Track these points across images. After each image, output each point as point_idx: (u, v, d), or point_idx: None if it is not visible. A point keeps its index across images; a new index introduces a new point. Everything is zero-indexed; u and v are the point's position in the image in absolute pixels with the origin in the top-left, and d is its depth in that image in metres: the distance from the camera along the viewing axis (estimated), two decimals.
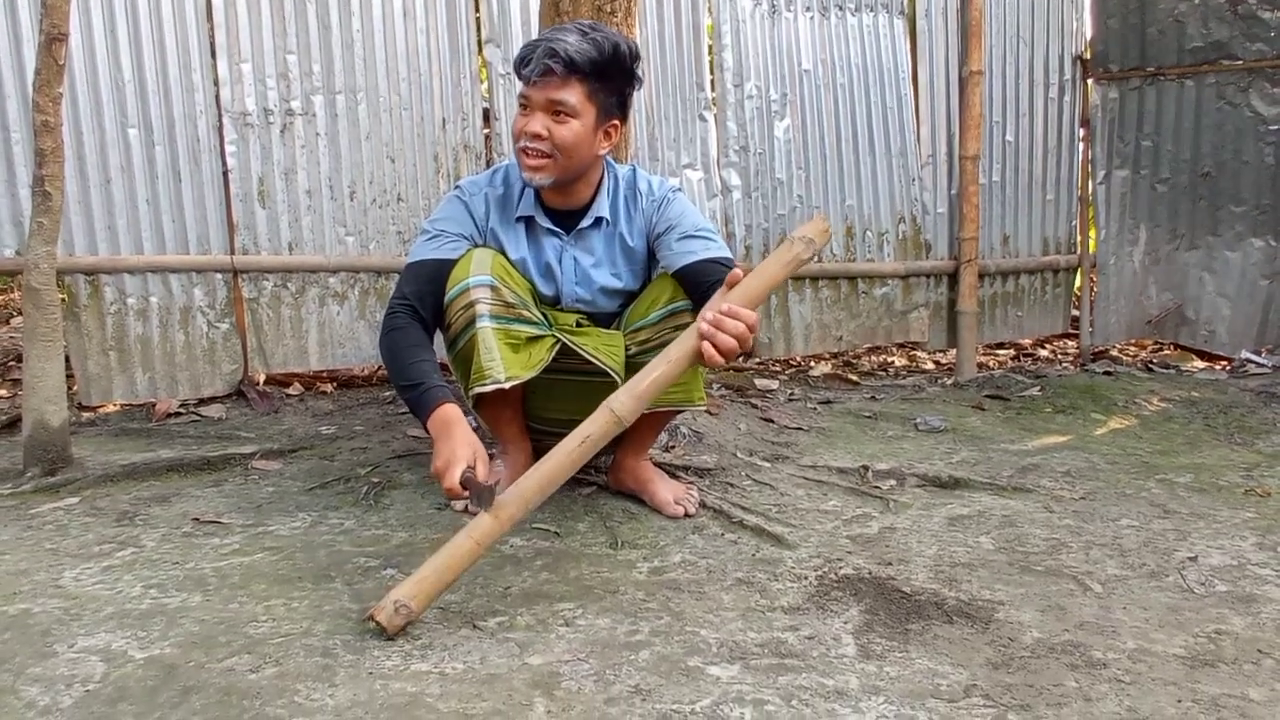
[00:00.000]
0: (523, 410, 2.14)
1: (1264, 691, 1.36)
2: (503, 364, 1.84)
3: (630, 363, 2.00)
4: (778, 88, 3.72)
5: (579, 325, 2.04)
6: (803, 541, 1.94)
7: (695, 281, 1.93)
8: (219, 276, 3.07)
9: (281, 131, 3.09)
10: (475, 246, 1.97)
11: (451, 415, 1.68)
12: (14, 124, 2.77)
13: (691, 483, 2.24)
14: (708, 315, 1.61)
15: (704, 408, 2.34)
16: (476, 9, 3.32)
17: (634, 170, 2.10)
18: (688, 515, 2.07)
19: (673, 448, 2.55)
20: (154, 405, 2.98)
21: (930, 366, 4.26)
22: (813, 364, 4.07)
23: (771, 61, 3.71)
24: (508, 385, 1.83)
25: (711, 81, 3.63)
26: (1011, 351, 4.57)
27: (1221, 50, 4.00)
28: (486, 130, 3.39)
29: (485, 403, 1.96)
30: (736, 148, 3.67)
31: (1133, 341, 4.50)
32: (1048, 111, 4.20)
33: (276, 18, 3.06)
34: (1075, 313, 4.53)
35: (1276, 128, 3.97)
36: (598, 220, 2.02)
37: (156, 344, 3.01)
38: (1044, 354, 4.55)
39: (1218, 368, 4.07)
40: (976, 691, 1.35)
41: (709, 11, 3.61)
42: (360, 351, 3.28)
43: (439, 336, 1.97)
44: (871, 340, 4.05)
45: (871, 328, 4.00)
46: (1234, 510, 2.19)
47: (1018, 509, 2.19)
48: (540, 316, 1.98)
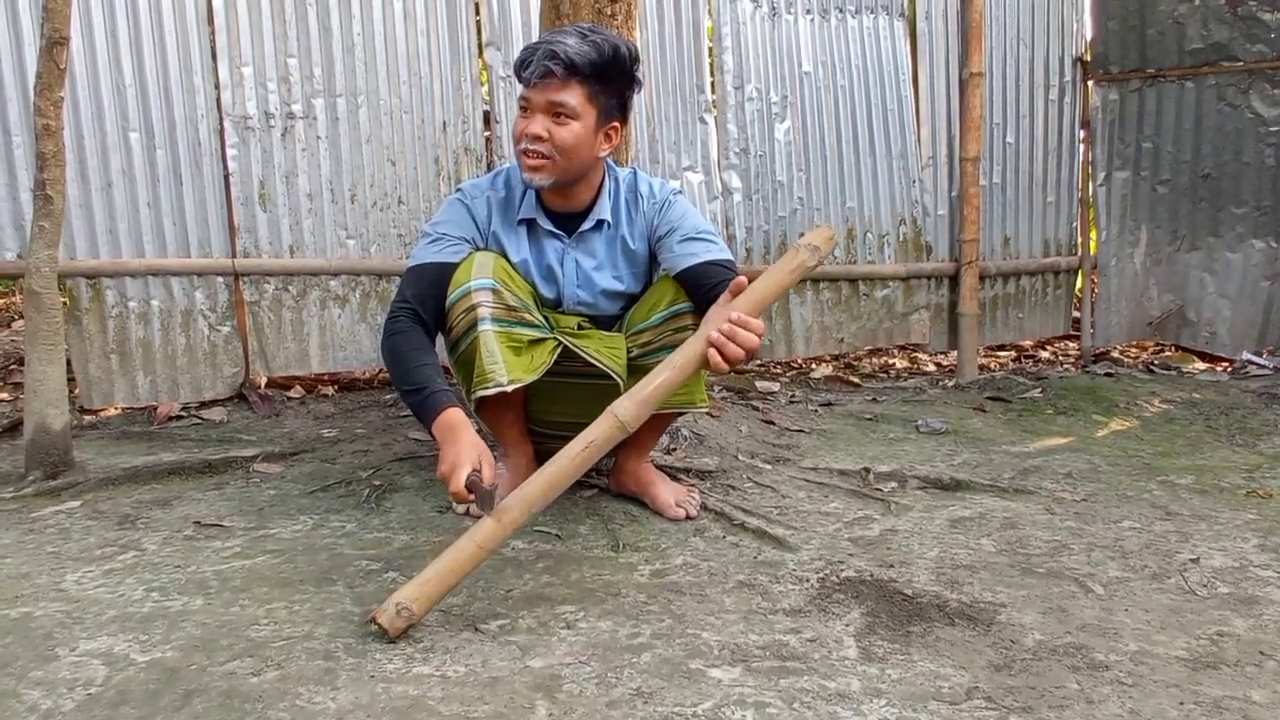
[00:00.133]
0: (524, 413, 2.14)
1: (1266, 693, 1.36)
2: (505, 367, 1.84)
3: (632, 365, 2.00)
4: (778, 90, 3.72)
5: (580, 328, 2.04)
6: (804, 544, 1.94)
7: (697, 284, 1.94)
8: (220, 279, 3.08)
9: (282, 135, 3.10)
10: (477, 250, 1.97)
11: (456, 419, 1.68)
12: (15, 127, 2.77)
13: (693, 485, 2.24)
14: (721, 325, 1.61)
15: (705, 410, 2.34)
16: (477, 12, 3.32)
17: (634, 173, 2.10)
18: (689, 518, 2.07)
19: (674, 450, 2.55)
20: (155, 408, 2.98)
21: (931, 368, 4.26)
22: (814, 366, 4.07)
23: (772, 64, 3.71)
24: (510, 388, 1.84)
25: (712, 84, 3.63)
26: (1012, 353, 4.57)
27: (1222, 52, 4.00)
28: (487, 133, 3.39)
29: (487, 406, 1.96)
30: (737, 150, 3.67)
31: (1134, 343, 4.50)
32: (1048, 113, 4.20)
33: (277, 21, 3.06)
34: (1076, 314, 4.53)
35: (1277, 129, 3.97)
36: (599, 223, 2.02)
37: (158, 347, 3.01)
38: (1045, 355, 4.55)
39: (1219, 369, 4.07)
40: (978, 694, 1.35)
41: (709, 14, 3.61)
42: (361, 354, 3.28)
43: (440, 340, 1.98)
44: (872, 342, 4.06)
45: (872, 330, 4.00)
46: (1235, 512, 2.19)
47: (1019, 511, 2.19)
48: (542, 319, 1.98)
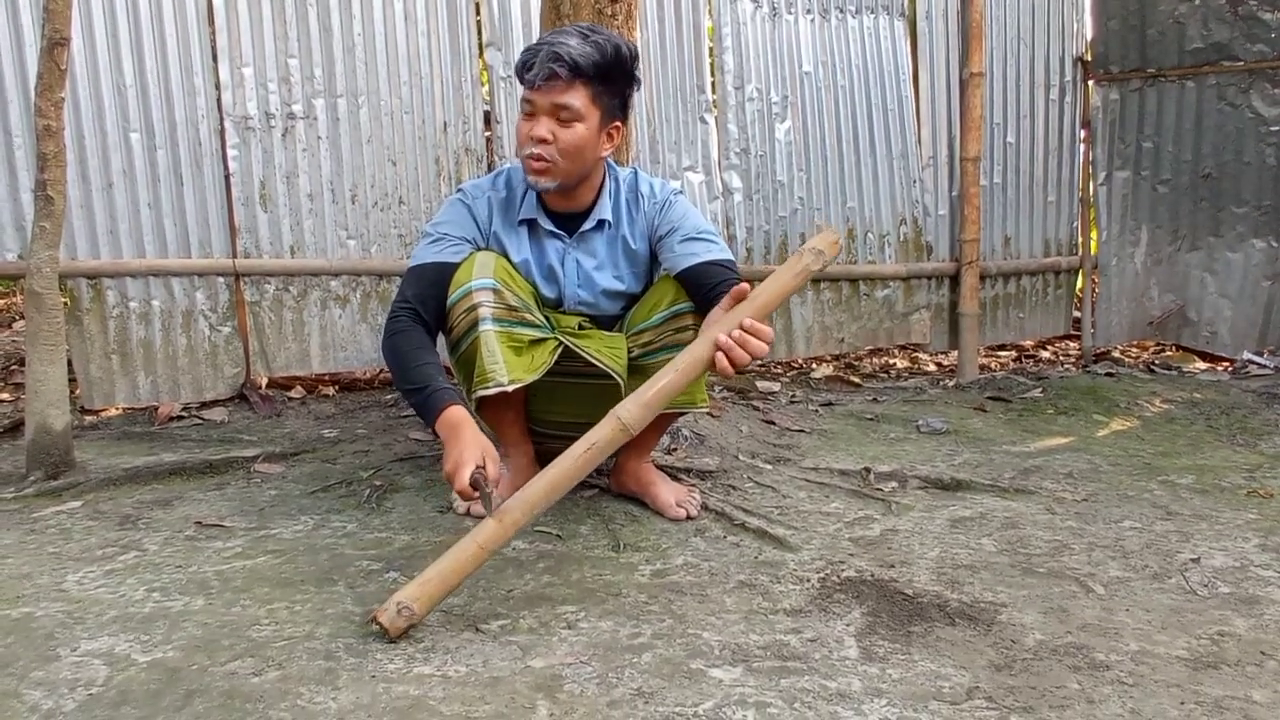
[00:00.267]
0: (525, 413, 2.14)
1: (1267, 693, 1.36)
2: (505, 367, 1.84)
3: (633, 365, 2.00)
4: (778, 90, 3.72)
5: (581, 328, 2.04)
6: (805, 544, 1.94)
7: (697, 284, 1.94)
8: (221, 280, 3.08)
9: (283, 135, 3.10)
10: (478, 250, 1.97)
11: (459, 417, 1.69)
12: (16, 128, 2.77)
13: (693, 485, 2.24)
14: (730, 329, 1.60)
15: (706, 410, 2.34)
16: (477, 12, 3.32)
17: (635, 173, 2.10)
18: (690, 518, 2.07)
19: (675, 450, 2.55)
20: (156, 409, 2.98)
21: (932, 368, 4.26)
22: (814, 366, 4.07)
23: (772, 64, 3.71)
24: (510, 388, 1.84)
25: (712, 84, 3.63)
26: (1013, 353, 4.57)
27: (1222, 51, 4.00)
28: (488, 133, 3.39)
29: (488, 406, 1.96)
30: (737, 150, 3.67)
31: (1134, 343, 4.50)
32: (1049, 113, 4.20)
33: (278, 21, 3.06)
34: (1077, 314, 4.53)
35: (1277, 129, 3.97)
36: (600, 223, 2.02)
37: (159, 347, 3.01)
38: (1046, 355, 4.55)
39: (1220, 369, 4.06)
40: (979, 694, 1.35)
41: (709, 14, 3.61)
42: (362, 355, 3.28)
43: (441, 340, 1.98)
44: (873, 342, 4.06)
45: (873, 330, 4.00)
46: (1236, 512, 2.19)
47: (1020, 511, 2.19)
48: (543, 319, 1.98)
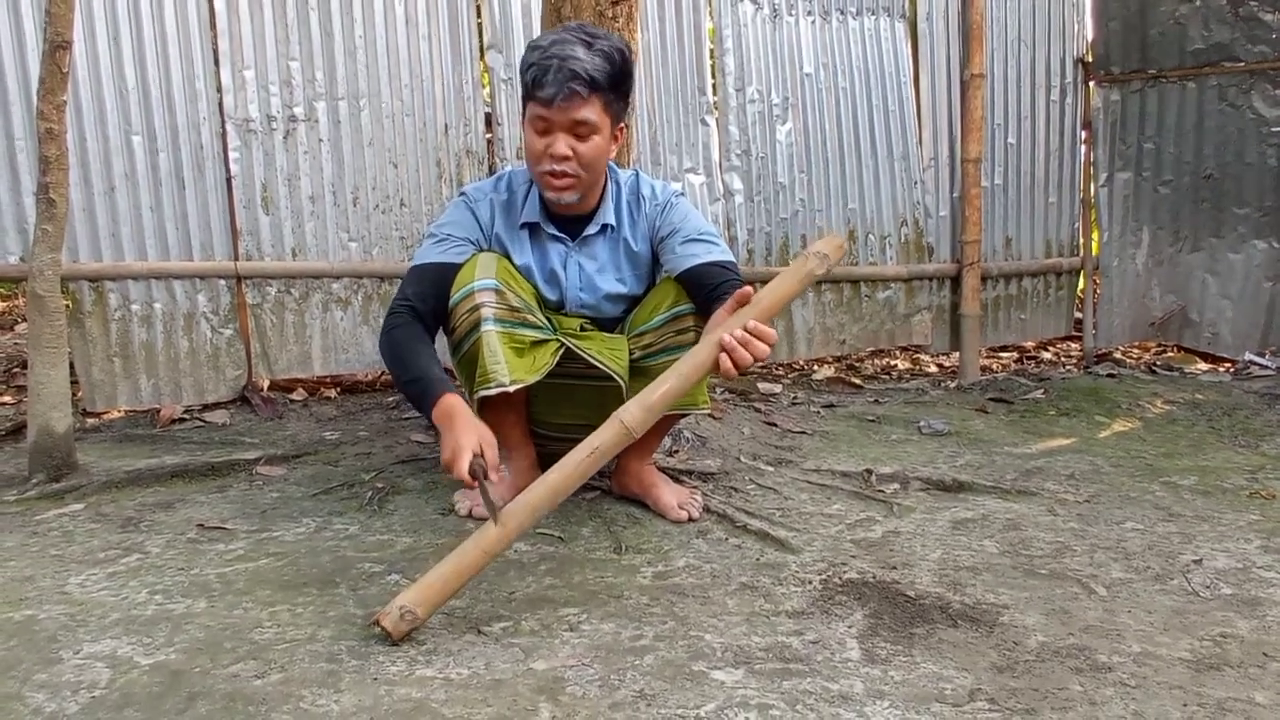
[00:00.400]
0: (526, 415, 2.14)
1: (1270, 695, 1.36)
2: (507, 368, 1.85)
3: (634, 366, 2.00)
4: (779, 92, 3.72)
5: (583, 330, 2.04)
6: (807, 546, 1.94)
7: (699, 285, 1.94)
8: (222, 282, 3.08)
9: (284, 138, 3.10)
10: (480, 251, 1.98)
11: (455, 404, 1.69)
12: (19, 131, 2.77)
13: (695, 487, 2.24)
14: (734, 330, 1.59)
15: (707, 412, 2.34)
16: (478, 14, 3.32)
17: (636, 175, 2.10)
18: (691, 520, 2.07)
19: (676, 452, 2.55)
20: (158, 411, 2.99)
21: (933, 370, 4.26)
22: (816, 367, 4.07)
23: (773, 65, 3.71)
24: (512, 389, 1.84)
25: (713, 86, 3.63)
26: (1014, 354, 4.56)
27: (1223, 52, 4.00)
28: (489, 135, 3.40)
29: (489, 407, 1.96)
30: (738, 152, 3.67)
31: (1136, 344, 4.50)
32: (1049, 114, 4.20)
33: (279, 25, 3.06)
34: (1078, 315, 4.53)
35: (1278, 129, 3.97)
36: (603, 226, 2.03)
37: (160, 350, 3.02)
38: (1047, 357, 4.55)
39: (1221, 370, 4.06)
40: (981, 695, 1.35)
41: (710, 16, 3.62)
42: (364, 357, 3.28)
43: (443, 341, 1.98)
44: (874, 343, 4.05)
45: (874, 331, 4.00)
46: (1238, 513, 2.19)
47: (1022, 512, 2.19)
48: (544, 321, 1.98)
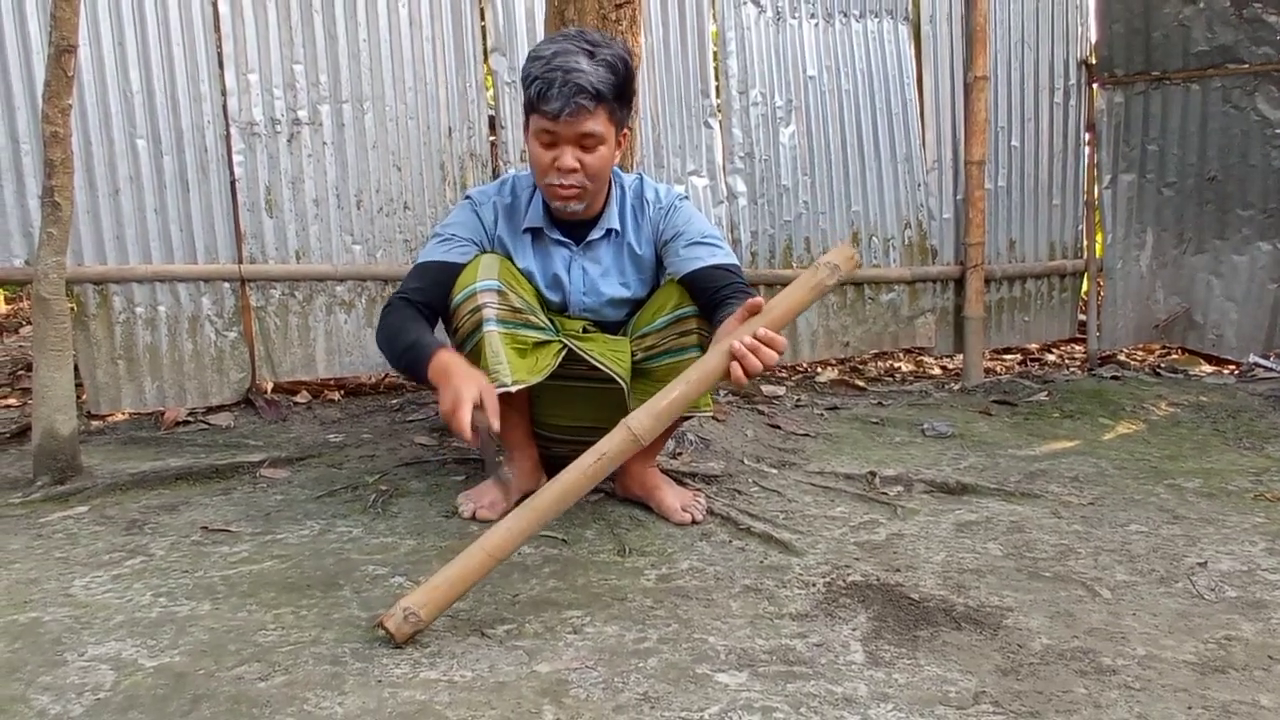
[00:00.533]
0: (529, 416, 2.14)
1: (1275, 698, 1.36)
2: (509, 368, 1.85)
3: (636, 368, 2.01)
4: (783, 94, 3.73)
5: (585, 331, 2.04)
6: (810, 548, 1.94)
7: (702, 287, 1.94)
8: (227, 285, 3.09)
9: (289, 141, 3.11)
10: (484, 252, 1.98)
11: (451, 359, 1.71)
12: (24, 135, 2.78)
13: (699, 489, 2.23)
14: (744, 338, 1.59)
15: (711, 414, 2.35)
16: (482, 18, 3.33)
17: (640, 178, 2.11)
18: (695, 522, 2.06)
19: (680, 454, 2.55)
20: (162, 414, 2.99)
21: (937, 372, 4.26)
22: (819, 370, 4.07)
23: (776, 68, 3.71)
24: (514, 389, 1.84)
25: (716, 88, 3.63)
26: (1018, 356, 4.56)
27: (1227, 54, 3.99)
28: (492, 138, 3.40)
29: None
30: (742, 154, 3.67)
31: (1140, 346, 4.49)
32: (1053, 116, 4.19)
33: (283, 28, 3.07)
34: (1082, 317, 4.52)
35: None
36: (608, 231, 2.03)
37: (165, 353, 3.02)
38: (1051, 359, 4.54)
39: (1226, 372, 4.05)
40: (985, 698, 1.34)
41: (713, 18, 3.62)
42: (368, 360, 3.28)
43: (443, 339, 1.98)
44: (878, 346, 4.05)
45: (878, 333, 4.00)
46: (1243, 515, 2.18)
47: (1026, 515, 2.19)
48: (547, 322, 1.98)
